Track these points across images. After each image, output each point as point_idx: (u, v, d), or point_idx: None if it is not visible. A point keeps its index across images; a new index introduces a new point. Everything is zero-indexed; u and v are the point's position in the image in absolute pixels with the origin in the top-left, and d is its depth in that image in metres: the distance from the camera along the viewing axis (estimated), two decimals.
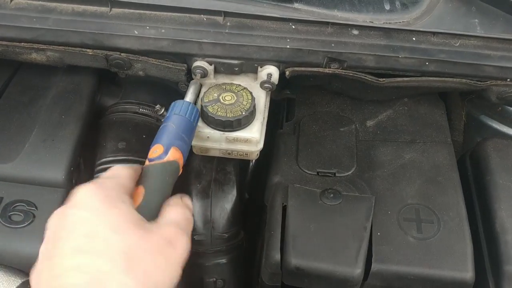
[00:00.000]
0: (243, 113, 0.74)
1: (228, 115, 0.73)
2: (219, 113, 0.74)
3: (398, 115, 0.93)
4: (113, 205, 0.56)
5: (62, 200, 0.76)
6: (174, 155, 0.66)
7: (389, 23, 0.84)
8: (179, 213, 0.63)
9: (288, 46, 0.77)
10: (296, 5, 0.83)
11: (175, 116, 0.71)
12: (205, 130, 0.76)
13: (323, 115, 0.94)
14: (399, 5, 0.86)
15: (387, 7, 0.86)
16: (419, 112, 0.93)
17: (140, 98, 0.91)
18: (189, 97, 0.77)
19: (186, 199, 0.66)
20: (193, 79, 0.81)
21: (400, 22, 0.84)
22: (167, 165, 0.65)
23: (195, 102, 0.78)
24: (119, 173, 0.62)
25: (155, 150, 0.66)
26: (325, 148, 0.87)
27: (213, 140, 0.76)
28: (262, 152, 0.91)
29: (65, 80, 0.87)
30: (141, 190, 0.62)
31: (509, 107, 0.98)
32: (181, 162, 0.67)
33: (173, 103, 0.74)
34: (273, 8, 0.81)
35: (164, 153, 0.66)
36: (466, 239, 0.74)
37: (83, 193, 0.56)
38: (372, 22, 0.83)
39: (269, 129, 0.93)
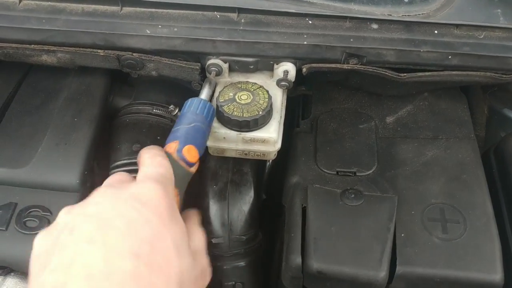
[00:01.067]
0: (260, 112, 0.72)
1: (244, 115, 0.71)
2: (235, 113, 0.71)
3: (418, 110, 0.90)
4: (176, 218, 0.54)
5: None
6: (190, 153, 0.65)
7: (408, 15, 0.81)
8: (201, 235, 0.62)
9: (305, 42, 0.74)
10: None
11: (190, 114, 0.69)
12: (221, 130, 0.73)
13: (341, 112, 0.91)
14: None
15: None
16: (440, 107, 0.90)
17: (153, 98, 0.89)
18: (204, 94, 0.75)
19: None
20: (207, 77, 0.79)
21: (419, 14, 0.81)
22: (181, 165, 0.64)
23: (210, 100, 0.75)
24: (167, 172, 0.60)
25: (171, 147, 0.65)
26: (344, 147, 0.84)
27: (230, 141, 0.74)
28: (279, 151, 0.89)
29: (77, 81, 0.86)
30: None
31: None
32: (196, 160, 0.66)
33: (187, 101, 0.72)
34: (289, 3, 0.78)
35: (179, 151, 0.64)
36: (494, 239, 0.71)
37: (150, 192, 0.54)
38: (390, 15, 0.80)
39: (285, 127, 0.91)
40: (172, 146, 0.66)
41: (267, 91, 0.75)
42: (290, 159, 0.85)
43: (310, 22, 0.76)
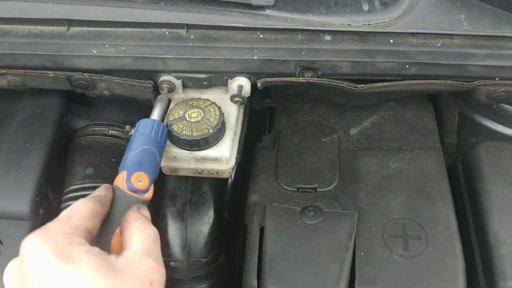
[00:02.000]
0: (210, 130, 0.69)
1: (194, 134, 0.69)
2: (184, 132, 0.69)
3: (383, 120, 0.88)
4: (66, 255, 0.49)
5: (28, 233, 0.72)
6: (139, 180, 0.63)
7: (369, 24, 0.78)
8: (144, 235, 0.56)
9: (255, 57, 0.72)
10: (267, 11, 0.78)
11: (138, 138, 0.67)
12: (172, 149, 0.71)
13: (304, 125, 0.89)
14: (378, 4, 0.81)
15: (366, 7, 0.81)
16: (405, 116, 0.88)
17: (111, 118, 0.87)
18: (155, 114, 0.73)
19: (144, 210, 0.61)
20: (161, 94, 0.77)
21: (380, 23, 0.78)
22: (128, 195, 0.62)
23: (163, 119, 0.73)
24: (74, 212, 0.57)
25: (119, 178, 0.63)
26: (306, 162, 0.82)
27: (181, 160, 0.72)
28: (244, 167, 0.87)
29: (31, 104, 0.84)
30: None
31: (503, 105, 0.92)
32: (146, 187, 0.63)
33: (137, 123, 0.70)
34: (243, 17, 0.76)
35: (127, 180, 0.62)
36: (457, 255, 0.69)
37: (29, 247, 0.50)
38: (350, 24, 0.78)
39: (252, 143, 0.88)
40: (120, 177, 0.63)
41: (219, 108, 0.73)
42: (251, 175, 0.82)
43: (261, 36, 0.74)
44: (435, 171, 0.78)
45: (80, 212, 0.56)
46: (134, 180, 0.62)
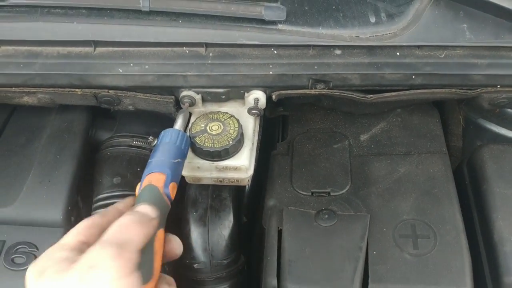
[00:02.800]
0: (230, 142, 0.74)
1: (215, 145, 0.74)
2: (206, 144, 0.74)
3: (391, 126, 0.93)
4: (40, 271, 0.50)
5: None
6: (173, 190, 0.65)
7: (376, 36, 0.83)
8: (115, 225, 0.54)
9: (271, 72, 0.77)
10: (280, 26, 0.83)
11: (172, 147, 0.70)
12: (195, 160, 0.76)
13: (316, 132, 0.94)
14: (384, 17, 0.85)
15: (373, 20, 0.85)
16: (413, 122, 0.93)
17: (134, 130, 0.92)
18: (178, 125, 0.77)
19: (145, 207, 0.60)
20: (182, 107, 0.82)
21: (386, 34, 0.83)
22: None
23: (185, 130, 0.78)
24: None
25: (158, 179, 0.64)
26: (319, 167, 0.87)
27: (204, 170, 0.77)
28: (260, 173, 0.91)
29: (59, 119, 0.89)
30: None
31: (507, 109, 0.96)
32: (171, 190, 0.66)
33: (165, 131, 0.74)
34: (257, 32, 0.81)
35: (166, 186, 0.64)
36: (463, 253, 0.73)
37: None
38: (358, 36, 0.83)
39: (265, 149, 0.93)
40: (159, 179, 0.64)
41: (238, 120, 0.78)
42: (267, 181, 0.87)
43: (275, 52, 0.79)
44: (441, 174, 0.83)
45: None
46: (171, 188, 0.65)
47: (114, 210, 0.61)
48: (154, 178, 0.64)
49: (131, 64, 0.78)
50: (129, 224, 0.54)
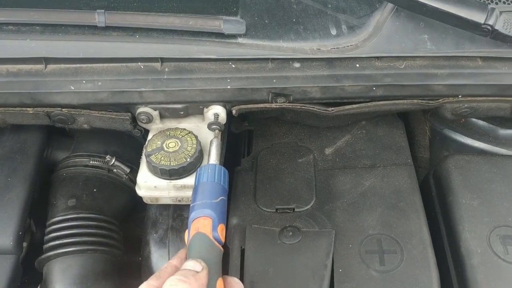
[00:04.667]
0: (187, 159, 0.72)
1: (172, 163, 0.71)
2: (162, 162, 0.72)
3: (356, 139, 0.91)
4: None
5: (13, 267, 0.74)
6: (222, 232, 0.63)
7: (337, 48, 0.82)
8: None
9: (229, 87, 0.75)
10: (240, 40, 0.82)
11: (212, 185, 0.67)
12: (151, 179, 0.73)
13: (281, 146, 0.92)
14: (345, 28, 0.85)
15: (334, 32, 0.84)
16: (377, 134, 0.91)
17: (92, 149, 0.89)
18: (212, 158, 0.73)
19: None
20: (139, 125, 0.80)
21: (348, 46, 0.82)
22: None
23: (221, 160, 0.74)
24: None
25: (205, 225, 0.62)
26: (283, 183, 0.85)
27: (161, 189, 0.74)
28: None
29: (12, 139, 0.86)
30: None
31: (471, 119, 0.96)
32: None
33: (201, 168, 0.70)
34: (216, 46, 0.79)
35: (214, 229, 0.62)
36: (430, 268, 0.72)
37: None
38: (319, 49, 0.82)
39: (231, 166, 0.91)
40: (205, 224, 0.61)
41: (196, 137, 0.75)
42: (231, 199, 0.85)
43: (233, 66, 0.77)
44: (407, 186, 0.82)
45: None
46: (219, 230, 0.62)
47: (169, 267, 0.62)
48: (201, 224, 0.62)
49: (84, 81, 0.75)
50: (177, 284, 0.56)
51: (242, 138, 1.03)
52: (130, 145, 0.91)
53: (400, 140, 0.90)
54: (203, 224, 0.61)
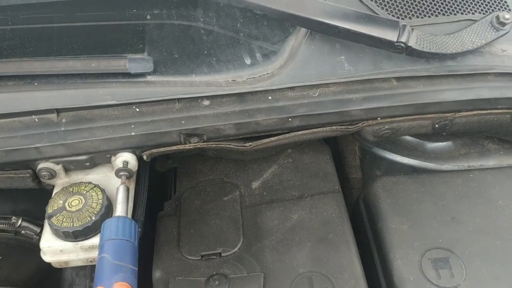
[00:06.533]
0: (93, 218, 0.66)
1: (75, 224, 0.65)
2: (64, 224, 0.65)
3: (283, 169, 0.88)
4: None
5: None
6: None
7: (253, 77, 0.79)
8: None
9: (133, 133, 0.70)
10: (149, 78, 0.77)
11: (110, 242, 0.61)
12: (56, 243, 0.67)
13: (206, 185, 0.87)
14: (260, 57, 0.81)
15: (248, 61, 0.81)
16: (304, 162, 0.88)
17: None
18: (120, 209, 0.67)
19: None
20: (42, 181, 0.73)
21: (264, 74, 0.79)
22: None
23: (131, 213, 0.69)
24: None
25: None
26: (209, 225, 0.80)
27: (68, 252, 0.68)
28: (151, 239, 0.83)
29: None
30: None
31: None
32: None
33: (103, 224, 0.64)
34: (123, 87, 0.74)
35: None
36: None
37: None
38: (234, 80, 0.78)
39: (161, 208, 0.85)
40: None
41: (102, 190, 0.69)
42: (154, 250, 0.79)
43: (137, 110, 0.72)
44: (335, 216, 0.79)
45: None
46: None
47: None
48: None
49: None
50: None
51: (169, 176, 0.97)
52: (42, 199, 0.84)
53: (327, 167, 0.87)
54: None
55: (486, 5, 0.86)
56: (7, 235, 0.77)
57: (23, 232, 0.78)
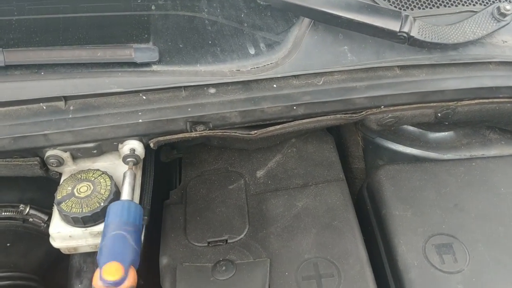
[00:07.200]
0: (101, 204, 0.66)
1: (84, 210, 0.66)
2: (74, 210, 0.66)
3: (287, 158, 0.88)
4: None
5: None
6: (109, 271, 0.59)
7: (257, 67, 0.80)
8: None
9: (140, 120, 0.70)
10: (154, 67, 0.78)
11: (115, 223, 0.63)
12: (65, 229, 0.68)
13: (211, 174, 0.88)
14: (264, 47, 0.82)
15: (252, 51, 0.82)
16: (308, 151, 0.89)
17: (4, 198, 0.82)
18: (126, 192, 0.68)
19: None
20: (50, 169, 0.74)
21: (268, 64, 0.80)
22: None
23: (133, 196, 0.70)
24: None
25: (112, 270, 0.59)
26: (215, 213, 0.81)
27: (77, 238, 0.68)
28: (157, 228, 0.83)
29: None
30: None
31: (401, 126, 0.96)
32: (120, 276, 0.60)
33: (109, 206, 0.66)
34: (129, 76, 0.75)
35: (124, 275, 0.59)
36: (369, 286, 0.69)
37: None
38: (239, 70, 0.79)
39: (165, 198, 0.85)
40: (95, 277, 0.59)
41: (110, 177, 0.70)
42: (161, 237, 0.80)
43: (144, 97, 0.72)
44: (340, 204, 0.79)
45: None
46: (105, 272, 0.59)
47: None
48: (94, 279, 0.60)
49: None
50: None
51: (173, 167, 0.98)
52: (49, 188, 0.84)
53: (330, 156, 0.88)
54: (94, 279, 0.59)
55: None
56: (15, 223, 0.78)
57: (30, 220, 0.79)
